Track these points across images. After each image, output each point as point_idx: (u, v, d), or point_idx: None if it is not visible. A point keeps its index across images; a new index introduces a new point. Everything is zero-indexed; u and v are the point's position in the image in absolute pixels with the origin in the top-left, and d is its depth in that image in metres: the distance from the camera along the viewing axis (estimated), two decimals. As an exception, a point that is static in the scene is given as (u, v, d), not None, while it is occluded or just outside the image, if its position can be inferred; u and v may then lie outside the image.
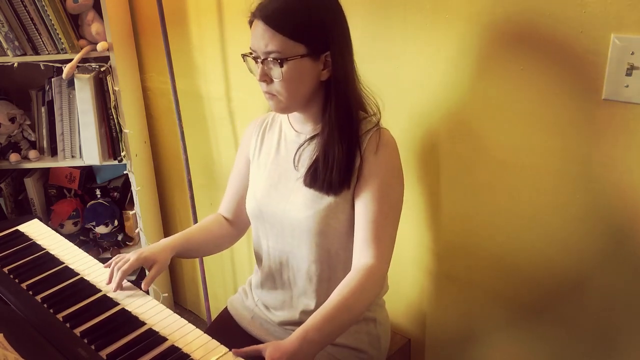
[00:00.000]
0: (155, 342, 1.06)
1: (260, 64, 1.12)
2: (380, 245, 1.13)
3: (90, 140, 2.01)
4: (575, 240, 1.23)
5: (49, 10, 1.85)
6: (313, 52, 1.10)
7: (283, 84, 1.12)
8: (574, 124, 1.15)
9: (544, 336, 1.35)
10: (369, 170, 1.15)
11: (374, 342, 1.32)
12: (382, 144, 1.16)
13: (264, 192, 1.26)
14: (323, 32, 1.10)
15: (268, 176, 1.27)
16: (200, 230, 1.36)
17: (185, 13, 1.91)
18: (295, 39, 1.08)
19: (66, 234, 2.17)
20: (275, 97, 1.15)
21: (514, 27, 1.18)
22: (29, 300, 1.18)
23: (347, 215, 1.19)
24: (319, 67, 1.13)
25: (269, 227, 1.27)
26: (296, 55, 1.09)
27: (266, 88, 1.15)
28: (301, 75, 1.11)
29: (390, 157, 1.17)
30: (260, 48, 1.10)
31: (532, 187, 1.26)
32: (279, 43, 1.08)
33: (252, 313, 1.37)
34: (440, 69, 1.32)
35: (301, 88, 1.13)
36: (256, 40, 1.11)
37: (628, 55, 1.04)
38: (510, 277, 1.37)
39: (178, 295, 2.56)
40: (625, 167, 1.11)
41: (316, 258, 1.22)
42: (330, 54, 1.12)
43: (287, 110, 1.19)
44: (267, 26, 1.08)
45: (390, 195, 1.16)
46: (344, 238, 1.21)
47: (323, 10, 1.11)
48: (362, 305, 1.10)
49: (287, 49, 1.08)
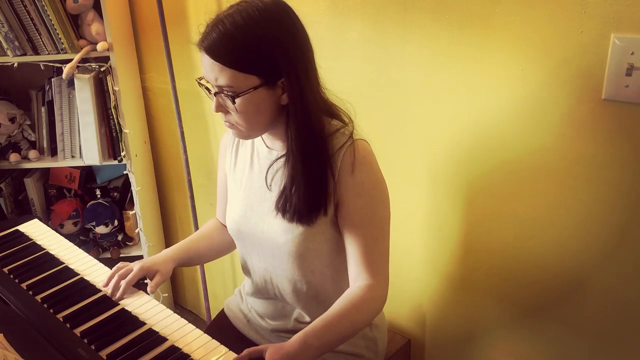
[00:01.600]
0: (155, 342, 1.06)
1: (213, 96, 1.07)
2: (375, 267, 1.10)
3: (90, 140, 2.01)
4: (576, 240, 1.23)
5: (49, 10, 1.84)
6: (267, 82, 1.03)
7: (240, 116, 1.06)
8: (574, 124, 1.15)
9: (544, 336, 1.35)
10: (347, 193, 1.09)
11: (371, 345, 1.31)
12: (358, 162, 1.08)
13: (241, 212, 1.22)
14: (274, 59, 1.01)
15: (244, 196, 1.22)
16: (201, 239, 1.35)
17: (185, 13, 1.91)
18: (245, 71, 1.01)
19: (66, 234, 2.17)
20: (236, 126, 1.09)
21: (514, 27, 1.18)
22: (29, 300, 1.18)
23: (328, 236, 1.14)
24: (277, 93, 1.05)
25: (250, 247, 1.24)
26: (249, 88, 1.02)
27: (225, 118, 1.10)
28: (258, 105, 1.05)
29: (368, 174, 1.10)
30: (211, 80, 1.05)
31: (532, 187, 1.26)
32: (229, 77, 1.01)
33: (246, 317, 1.37)
34: (439, 69, 1.32)
35: (260, 117, 1.07)
36: (206, 72, 1.05)
37: (628, 55, 1.04)
38: (510, 276, 1.36)
39: (178, 295, 2.56)
40: (625, 167, 1.11)
41: (300, 277, 1.19)
42: (286, 80, 1.03)
43: (250, 137, 1.14)
44: (213, 60, 1.01)
45: (375, 215, 1.11)
46: (327, 257, 1.17)
47: (271, 35, 1.01)
48: (363, 318, 1.08)
49: (239, 83, 1.01)
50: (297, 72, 1.04)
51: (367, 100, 1.47)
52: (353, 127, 1.14)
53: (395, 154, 1.47)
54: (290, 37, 1.04)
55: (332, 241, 1.16)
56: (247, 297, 1.37)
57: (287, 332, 1.28)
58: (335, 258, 1.18)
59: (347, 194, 1.09)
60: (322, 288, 1.21)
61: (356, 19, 1.43)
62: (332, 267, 1.20)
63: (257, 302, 1.33)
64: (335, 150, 1.09)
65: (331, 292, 1.22)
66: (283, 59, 1.02)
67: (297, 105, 1.05)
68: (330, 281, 1.21)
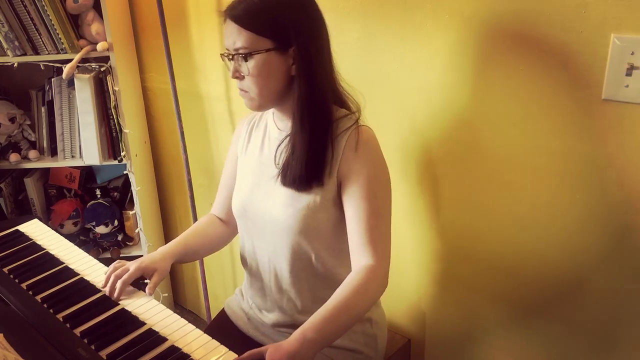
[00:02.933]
0: (155, 342, 1.06)
1: (231, 61, 1.15)
2: (377, 245, 1.13)
3: (90, 140, 2.01)
4: (576, 239, 1.23)
5: (49, 10, 1.85)
6: (279, 47, 1.11)
7: (252, 79, 1.13)
8: (574, 124, 1.15)
9: (544, 336, 1.35)
10: (350, 169, 1.15)
11: (370, 342, 1.31)
12: (362, 142, 1.15)
13: (247, 191, 1.27)
14: (288, 26, 1.11)
15: (252, 175, 1.27)
16: (196, 235, 1.37)
17: (185, 13, 1.91)
18: (260, 33, 1.10)
19: (66, 234, 2.17)
20: (248, 93, 1.17)
21: (514, 27, 1.18)
22: (29, 300, 1.18)
23: (329, 215, 1.18)
24: (288, 61, 1.13)
25: (252, 226, 1.28)
26: (261, 50, 1.11)
27: (239, 85, 1.17)
28: (269, 70, 1.12)
29: (371, 153, 1.16)
30: (230, 46, 1.14)
31: (533, 187, 1.26)
32: (245, 39, 1.11)
33: (247, 315, 1.38)
34: (439, 69, 1.32)
35: (270, 83, 1.14)
36: (226, 38, 1.14)
37: (628, 55, 1.04)
38: (510, 276, 1.37)
39: (178, 295, 2.56)
40: (625, 167, 1.11)
41: (298, 257, 1.22)
42: (296, 48, 1.12)
43: (261, 107, 1.20)
44: (234, 24, 1.11)
45: (377, 192, 1.15)
46: (327, 238, 1.21)
47: (289, 5, 1.12)
48: (364, 304, 1.09)
49: (253, 44, 1.11)
50: (308, 44, 1.12)
51: (366, 100, 1.47)
52: (359, 116, 1.20)
53: (395, 154, 1.47)
54: (307, 10, 1.14)
55: (333, 221, 1.19)
56: (247, 290, 1.38)
57: (286, 326, 1.29)
58: (335, 242, 1.21)
59: (351, 170, 1.15)
60: (317, 271, 1.23)
61: (356, 19, 1.43)
62: (330, 251, 1.22)
63: (254, 294, 1.34)
64: (341, 131, 1.16)
65: (324, 278, 1.24)
66: (295, 28, 1.11)
67: (304, 75, 1.13)
68: (324, 266, 1.23)
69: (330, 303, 1.06)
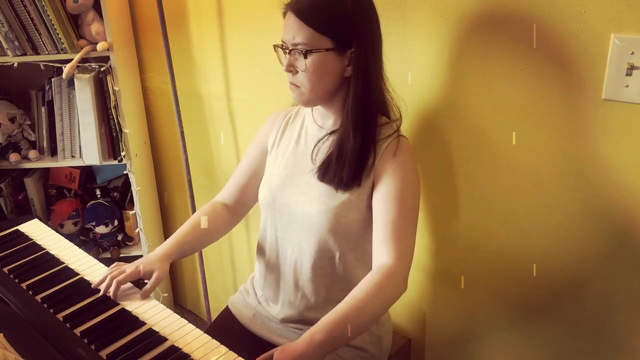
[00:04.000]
0: (155, 342, 1.06)
1: (287, 54, 1.15)
2: (400, 246, 1.12)
3: (90, 140, 2.01)
4: (575, 239, 1.23)
5: (49, 10, 1.85)
6: (338, 47, 1.12)
7: (307, 76, 1.14)
8: (574, 124, 1.15)
9: (544, 336, 1.35)
10: (386, 171, 1.16)
11: (376, 341, 1.32)
12: (401, 150, 1.18)
13: (279, 181, 1.27)
14: (350, 28, 1.12)
15: (285, 167, 1.27)
16: (194, 230, 1.34)
17: (185, 13, 1.91)
18: (322, 32, 1.11)
19: (66, 234, 2.17)
20: (299, 88, 1.17)
21: (514, 27, 1.18)
22: (29, 300, 1.18)
23: (361, 216, 1.19)
24: (343, 62, 1.14)
25: (279, 217, 1.28)
26: (321, 48, 1.11)
27: (291, 79, 1.18)
28: (325, 68, 1.13)
29: (407, 161, 1.18)
30: (289, 39, 1.14)
31: (533, 187, 1.26)
32: (306, 35, 1.11)
33: (253, 311, 1.37)
34: (439, 69, 1.32)
35: (324, 81, 1.15)
36: (286, 32, 1.15)
37: (628, 55, 1.04)
38: (510, 277, 1.36)
39: (178, 295, 2.56)
40: (625, 167, 1.11)
41: (322, 254, 1.22)
42: (355, 51, 1.13)
43: (309, 103, 1.20)
44: (297, 18, 1.11)
45: (407, 197, 1.16)
46: (353, 239, 1.22)
47: (353, 7, 1.12)
48: (379, 307, 1.08)
49: (313, 41, 1.11)
50: (367, 48, 1.14)
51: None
52: (400, 123, 1.22)
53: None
54: (369, 14, 1.15)
55: (363, 222, 1.20)
56: (256, 282, 1.38)
57: (295, 322, 1.29)
58: (361, 243, 1.22)
59: (386, 173, 1.16)
60: (337, 271, 1.24)
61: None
62: (355, 253, 1.23)
63: (266, 286, 1.34)
64: (382, 137, 1.19)
65: (342, 279, 1.24)
66: (357, 31, 1.12)
67: (360, 78, 1.14)
68: (345, 267, 1.23)
69: (343, 305, 1.04)
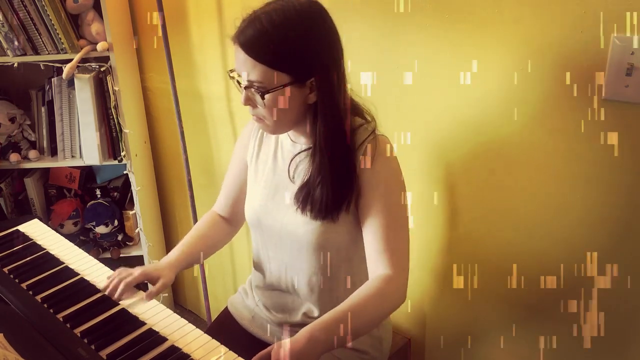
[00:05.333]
0: (155, 342, 1.06)
1: (243, 89, 1.09)
2: (394, 256, 1.10)
3: (90, 140, 2.01)
4: (576, 239, 1.23)
5: (49, 10, 1.84)
6: (297, 80, 1.05)
7: (268, 111, 1.08)
8: (574, 124, 1.15)
9: (544, 335, 1.35)
10: (367, 183, 1.12)
11: (376, 344, 1.31)
12: (378, 154, 1.12)
13: (261, 202, 1.23)
14: (307, 59, 1.05)
15: (265, 185, 1.24)
16: (199, 240, 1.34)
17: (185, 13, 1.91)
18: (277, 68, 1.03)
19: (66, 234, 2.17)
20: (262, 120, 1.12)
21: (514, 27, 1.18)
22: (29, 300, 1.18)
23: (349, 227, 1.16)
24: (305, 92, 1.08)
25: (268, 238, 1.25)
26: (279, 86, 1.04)
27: (252, 112, 1.13)
28: (286, 102, 1.07)
29: (387, 166, 1.13)
30: (243, 75, 1.07)
31: (532, 187, 1.26)
32: (261, 73, 1.04)
33: (252, 312, 1.37)
34: (440, 69, 1.32)
35: (287, 114, 1.09)
36: (238, 65, 1.08)
37: (628, 55, 1.04)
38: (510, 277, 1.36)
39: (178, 295, 2.56)
40: (625, 167, 1.11)
41: (316, 270, 1.20)
42: (316, 80, 1.06)
43: (276, 132, 1.16)
44: (247, 55, 1.04)
45: (393, 206, 1.12)
46: (345, 251, 1.19)
47: (306, 34, 1.04)
48: (378, 311, 1.07)
49: (270, 79, 1.04)
50: (327, 73, 1.07)
51: (366, 100, 1.47)
52: (375, 125, 1.17)
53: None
54: (323, 39, 1.07)
55: (353, 234, 1.17)
56: (256, 289, 1.37)
57: (294, 326, 1.28)
58: (353, 253, 1.19)
59: (366, 184, 1.12)
60: (335, 284, 1.22)
61: (356, 19, 1.43)
62: (349, 263, 1.21)
63: (266, 294, 1.33)
64: (358, 145, 1.13)
65: (344, 288, 1.22)
66: (314, 60, 1.05)
67: (326, 105, 1.08)
68: (344, 278, 1.22)
69: (343, 306, 1.04)
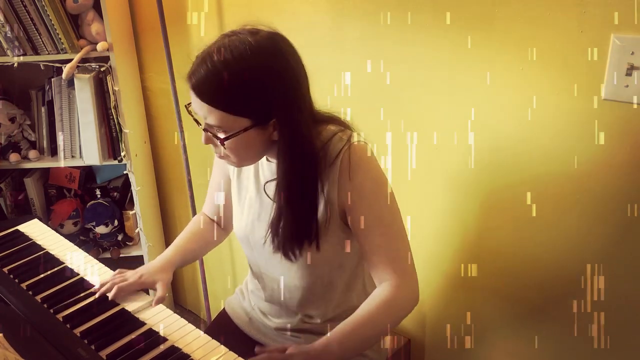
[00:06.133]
0: (155, 342, 1.06)
1: (202, 130, 1.04)
2: (397, 266, 1.07)
3: (90, 140, 2.01)
4: (576, 240, 1.23)
5: (49, 10, 1.84)
6: (258, 123, 1.00)
7: (230, 151, 1.03)
8: (574, 124, 1.15)
9: (544, 336, 1.35)
10: (350, 198, 1.06)
11: (376, 346, 1.29)
12: (353, 166, 1.05)
13: (248, 222, 1.20)
14: (266, 102, 0.98)
15: (250, 204, 1.20)
16: (193, 240, 1.33)
17: (185, 13, 1.91)
18: (234, 113, 0.98)
19: (66, 234, 2.17)
20: (226, 157, 1.07)
21: (514, 27, 1.18)
22: (29, 300, 1.18)
23: (339, 239, 1.12)
24: (268, 131, 1.02)
25: (257, 255, 1.23)
26: (239, 130, 0.99)
27: (215, 150, 1.08)
28: (248, 143, 1.02)
29: (365, 175, 1.06)
30: (201, 117, 1.02)
31: (532, 187, 1.26)
32: (218, 118, 0.98)
33: (249, 315, 1.36)
34: (440, 69, 1.32)
35: (250, 152, 1.05)
36: (195, 108, 1.02)
37: (628, 55, 1.04)
38: (510, 276, 1.36)
39: (178, 295, 2.56)
40: (625, 168, 1.11)
41: (307, 285, 1.18)
42: (277, 121, 1.00)
43: (242, 166, 1.13)
44: (199, 99, 0.99)
45: (383, 215, 1.08)
46: (338, 261, 1.16)
47: (262, 77, 0.97)
48: (390, 319, 1.06)
49: (228, 124, 0.98)
50: (290, 112, 1.00)
51: (367, 100, 1.47)
52: (351, 131, 1.10)
53: (393, 154, 1.46)
54: (283, 78, 0.99)
55: (343, 242, 1.13)
56: (251, 294, 1.36)
57: (292, 331, 1.27)
58: (345, 260, 1.17)
59: (350, 199, 1.07)
60: (329, 294, 1.21)
61: (356, 19, 1.43)
62: (342, 270, 1.19)
63: (260, 300, 1.32)
64: (332, 159, 1.06)
65: (341, 293, 1.21)
66: (274, 101, 0.98)
67: (288, 143, 1.02)
68: (337, 289, 1.21)
69: (355, 316, 1.03)
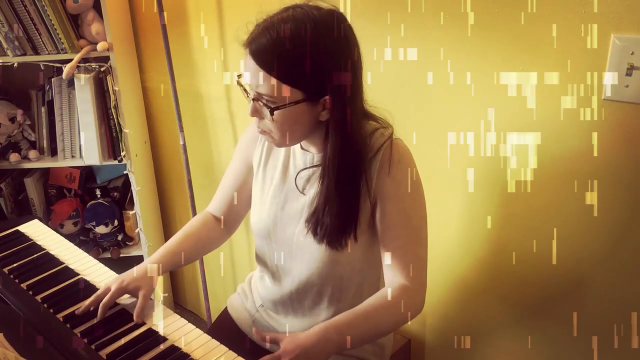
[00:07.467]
0: (155, 342, 1.06)
1: (251, 99, 1.02)
2: (411, 271, 1.06)
3: (90, 140, 2.01)
4: (577, 239, 1.23)
5: (49, 10, 1.84)
6: (310, 97, 0.98)
7: (276, 125, 1.01)
8: (574, 124, 1.15)
9: (544, 336, 1.35)
10: (384, 192, 1.06)
11: (378, 351, 1.29)
12: (394, 161, 1.05)
13: (270, 213, 1.17)
14: (322, 76, 0.96)
15: (274, 194, 1.17)
16: (186, 239, 1.26)
17: (185, 13, 1.91)
18: (290, 84, 0.96)
19: (66, 234, 2.17)
20: (269, 134, 1.05)
21: (514, 27, 1.18)
22: (29, 300, 1.18)
23: (364, 239, 1.11)
24: (317, 109, 1.01)
25: (276, 248, 1.20)
26: (290, 102, 0.97)
27: (258, 124, 1.05)
28: (296, 119, 1.00)
29: (403, 174, 1.06)
30: (252, 85, 0.99)
31: (532, 187, 1.26)
32: (271, 87, 0.96)
33: (253, 317, 1.33)
34: (440, 69, 1.32)
35: (296, 130, 1.03)
36: (247, 75, 1.00)
37: (628, 55, 1.04)
38: (510, 276, 1.37)
39: (178, 295, 2.56)
40: (625, 167, 1.11)
41: (326, 282, 1.16)
42: (330, 98, 0.98)
43: (282, 146, 1.08)
44: (257, 65, 0.96)
45: (412, 216, 1.07)
46: (357, 262, 1.14)
47: (324, 51, 0.96)
48: (391, 320, 1.05)
49: (280, 94, 0.97)
50: (344, 92, 0.99)
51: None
52: (392, 130, 1.10)
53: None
54: (342, 55, 0.98)
55: (366, 242, 1.12)
56: (258, 292, 1.32)
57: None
58: (366, 264, 1.16)
59: (384, 194, 1.06)
60: (345, 294, 1.19)
61: (356, 19, 1.43)
62: (361, 274, 1.17)
63: (268, 297, 1.28)
64: (374, 151, 1.06)
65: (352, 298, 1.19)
66: (330, 78, 0.97)
67: (339, 125, 1.01)
68: (354, 288, 1.19)
69: (358, 309, 1.02)
